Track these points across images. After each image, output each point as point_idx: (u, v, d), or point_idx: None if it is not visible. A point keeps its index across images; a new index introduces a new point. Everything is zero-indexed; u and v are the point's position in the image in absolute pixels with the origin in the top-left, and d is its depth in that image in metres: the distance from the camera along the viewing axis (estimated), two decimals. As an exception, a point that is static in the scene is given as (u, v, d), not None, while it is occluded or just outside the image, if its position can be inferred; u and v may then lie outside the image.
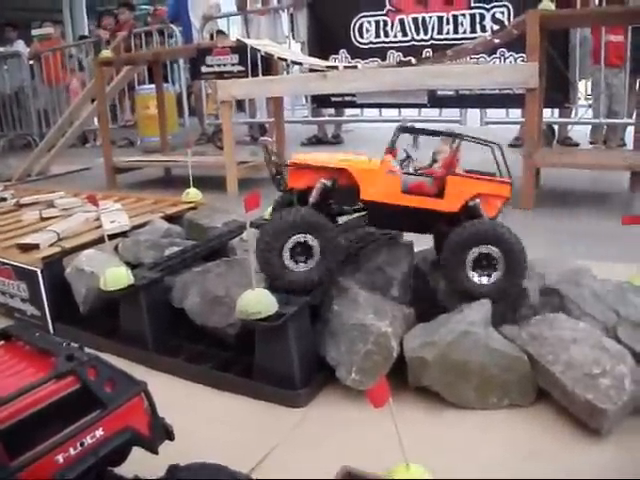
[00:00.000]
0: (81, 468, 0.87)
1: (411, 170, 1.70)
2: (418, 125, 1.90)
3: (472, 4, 5.02)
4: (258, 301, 1.47)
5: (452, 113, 5.58)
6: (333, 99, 5.69)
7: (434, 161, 1.75)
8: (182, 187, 2.86)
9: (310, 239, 1.58)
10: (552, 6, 3.27)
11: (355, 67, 3.55)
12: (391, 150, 1.68)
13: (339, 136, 6.55)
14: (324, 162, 1.67)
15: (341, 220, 1.94)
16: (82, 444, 0.88)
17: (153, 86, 5.79)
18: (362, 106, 5.91)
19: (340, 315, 1.55)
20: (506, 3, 4.87)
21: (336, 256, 1.61)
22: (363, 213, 1.77)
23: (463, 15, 5.08)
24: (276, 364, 1.52)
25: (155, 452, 0.99)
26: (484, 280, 1.56)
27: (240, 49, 3.88)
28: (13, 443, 0.83)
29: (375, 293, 1.66)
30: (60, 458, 0.86)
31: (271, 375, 1.53)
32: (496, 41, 3.56)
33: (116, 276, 1.77)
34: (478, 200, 1.59)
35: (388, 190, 1.60)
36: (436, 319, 1.57)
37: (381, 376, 1.04)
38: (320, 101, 5.99)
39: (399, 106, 5.72)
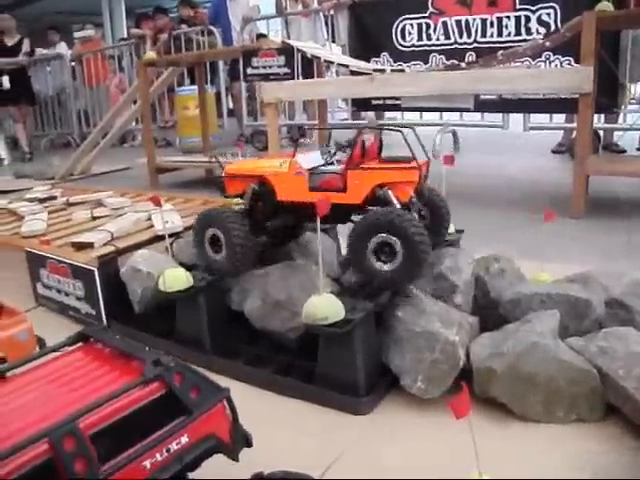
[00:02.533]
0: (168, 474, 0.86)
1: (335, 162, 1.85)
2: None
3: (517, 6, 4.88)
4: (326, 307, 1.46)
5: (495, 118, 5.49)
6: (374, 102, 5.61)
7: None
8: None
9: (218, 233, 1.81)
10: (611, 7, 3.16)
11: (402, 71, 3.50)
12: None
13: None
14: (246, 170, 1.90)
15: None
16: (168, 450, 0.87)
17: (193, 87, 5.82)
18: (405, 110, 5.83)
19: (405, 322, 1.52)
20: (553, 4, 4.73)
21: (237, 247, 1.77)
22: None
23: (508, 17, 4.96)
24: (340, 370, 1.50)
25: (236, 459, 0.97)
26: (385, 267, 1.57)
27: (286, 51, 3.88)
28: (103, 447, 0.83)
29: (438, 301, 1.63)
30: (147, 464, 0.85)
31: (334, 381, 1.51)
32: (547, 44, 3.48)
33: (175, 277, 1.77)
34: (386, 188, 1.64)
35: (296, 189, 1.76)
36: (503, 328, 1.53)
37: (464, 387, 1.01)
38: (361, 104, 5.94)
39: (442, 110, 5.64)
